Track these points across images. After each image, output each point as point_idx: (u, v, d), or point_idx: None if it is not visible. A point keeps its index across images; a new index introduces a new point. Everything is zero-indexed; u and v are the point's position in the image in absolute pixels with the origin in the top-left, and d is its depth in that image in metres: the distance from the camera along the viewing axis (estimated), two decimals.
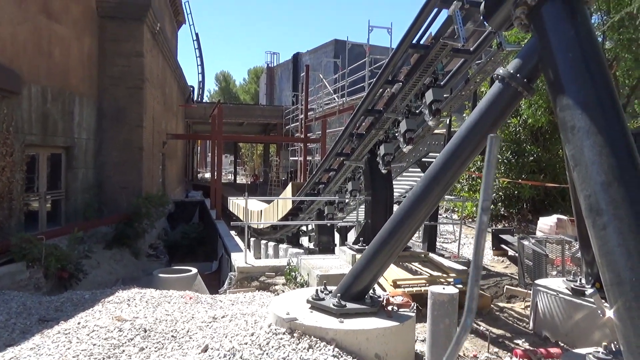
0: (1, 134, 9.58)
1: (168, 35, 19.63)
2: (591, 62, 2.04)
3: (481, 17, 2.89)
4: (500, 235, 10.28)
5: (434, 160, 3.09)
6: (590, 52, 2.06)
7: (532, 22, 2.25)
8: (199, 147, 52.03)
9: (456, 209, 15.97)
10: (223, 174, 34.94)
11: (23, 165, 10.43)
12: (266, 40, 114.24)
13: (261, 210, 14.93)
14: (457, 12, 4.33)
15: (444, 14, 4.74)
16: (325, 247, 10.08)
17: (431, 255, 7.24)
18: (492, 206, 14.48)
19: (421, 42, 5.30)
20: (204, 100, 41.80)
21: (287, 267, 7.40)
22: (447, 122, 6.96)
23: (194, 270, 9.44)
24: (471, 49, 5.23)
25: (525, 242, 7.13)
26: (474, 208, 14.96)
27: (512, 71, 2.32)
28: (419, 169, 9.82)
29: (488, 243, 12.40)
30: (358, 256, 6.44)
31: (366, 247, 4.16)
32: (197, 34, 39.82)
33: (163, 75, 18.76)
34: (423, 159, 9.41)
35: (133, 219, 13.23)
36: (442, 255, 8.63)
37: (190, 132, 36.32)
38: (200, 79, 41.19)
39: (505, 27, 3.09)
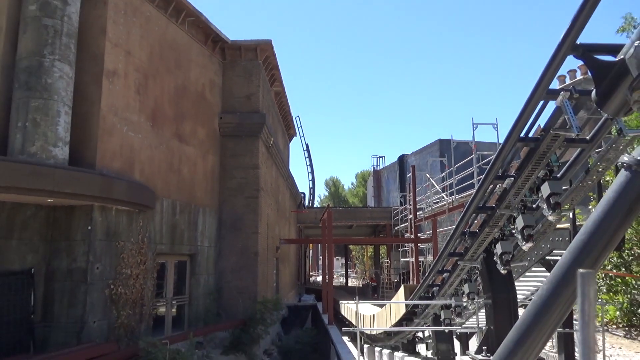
0: (137, 244, 10.55)
1: (280, 148, 21.30)
2: None
3: (594, 105, 2.68)
4: None
5: (559, 258, 2.76)
6: None
7: None
8: (310, 251, 53.27)
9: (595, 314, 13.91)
10: (335, 276, 34.86)
11: (154, 272, 11.25)
12: (371, 145, 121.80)
13: (374, 315, 14.28)
14: (565, 103, 3.97)
15: (552, 105, 4.46)
16: (444, 356, 9.34)
17: None
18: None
19: (530, 134, 4.95)
20: (314, 205, 43.55)
21: None
22: (571, 215, 6.31)
23: None
24: (587, 137, 4.80)
25: None
26: (617, 312, 13.00)
27: (639, 158, 2.07)
28: (544, 268, 8.84)
29: None
30: None
31: (490, 357, 3.69)
32: (307, 145, 42.92)
33: (276, 184, 20.02)
34: (547, 257, 8.43)
35: (248, 324, 13.51)
36: None
37: (302, 237, 37.50)
38: (310, 186, 43.57)
39: (624, 113, 2.84)
